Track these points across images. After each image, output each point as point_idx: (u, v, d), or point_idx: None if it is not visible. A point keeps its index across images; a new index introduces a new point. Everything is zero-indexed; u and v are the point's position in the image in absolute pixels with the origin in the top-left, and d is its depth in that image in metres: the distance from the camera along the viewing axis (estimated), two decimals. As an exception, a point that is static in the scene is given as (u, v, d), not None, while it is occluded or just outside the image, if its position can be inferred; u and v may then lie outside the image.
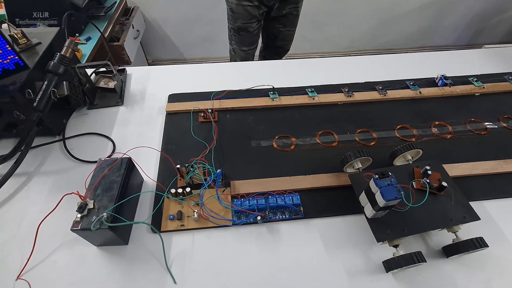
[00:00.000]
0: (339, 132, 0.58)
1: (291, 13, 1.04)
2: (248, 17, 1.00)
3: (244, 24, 1.03)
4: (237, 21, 1.02)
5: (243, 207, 0.46)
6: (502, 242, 0.44)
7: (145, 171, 0.50)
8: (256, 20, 1.02)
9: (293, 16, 1.07)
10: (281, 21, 1.07)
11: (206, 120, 0.59)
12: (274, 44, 1.17)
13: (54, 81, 0.50)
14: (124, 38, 1.32)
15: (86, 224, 0.38)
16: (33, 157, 0.54)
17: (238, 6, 0.98)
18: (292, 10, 1.03)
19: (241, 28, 1.04)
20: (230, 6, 1.00)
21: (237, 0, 0.97)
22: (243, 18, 1.01)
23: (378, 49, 1.96)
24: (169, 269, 0.41)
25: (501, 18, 1.86)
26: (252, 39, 1.10)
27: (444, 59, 0.77)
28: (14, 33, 0.53)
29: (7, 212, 0.47)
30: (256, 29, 1.06)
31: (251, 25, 1.03)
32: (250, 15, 1.00)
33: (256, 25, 1.04)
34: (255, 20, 1.02)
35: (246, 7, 0.97)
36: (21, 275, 0.40)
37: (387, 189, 0.35)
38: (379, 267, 0.41)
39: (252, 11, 0.98)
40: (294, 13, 1.05)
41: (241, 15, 1.00)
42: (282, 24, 1.09)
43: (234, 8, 0.99)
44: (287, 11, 1.02)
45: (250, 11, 0.98)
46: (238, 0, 0.96)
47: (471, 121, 0.61)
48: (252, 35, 1.08)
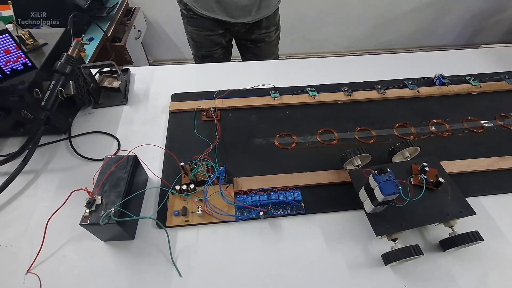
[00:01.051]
0: (339, 130, 0.60)
1: (262, 40, 0.93)
2: (212, 45, 0.92)
3: (208, 52, 0.94)
4: (201, 50, 0.94)
5: (246, 203, 0.47)
6: (498, 236, 0.45)
7: (150, 168, 0.52)
8: (220, 47, 0.94)
9: (267, 44, 0.95)
10: (252, 50, 0.97)
11: (209, 119, 0.61)
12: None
13: (61, 80, 0.51)
14: (126, 39, 1.33)
15: (94, 219, 0.39)
16: (40, 155, 0.55)
17: (199, 36, 0.90)
18: (263, 36, 0.92)
19: (205, 56, 0.96)
20: (190, 35, 0.92)
21: (198, 31, 0.88)
22: (206, 47, 0.93)
23: (377, 48, 1.97)
24: (175, 263, 0.42)
25: (499, 18, 1.87)
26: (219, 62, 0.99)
27: (442, 58, 0.78)
28: (22, 34, 0.54)
29: (16, 208, 0.48)
30: (222, 54, 0.98)
31: (216, 51, 0.95)
32: (214, 43, 0.92)
33: (221, 51, 0.96)
34: (219, 47, 0.94)
35: (209, 37, 0.89)
36: (31, 269, 0.42)
37: (386, 184, 0.37)
38: (378, 260, 0.42)
39: (216, 40, 0.91)
40: (266, 39, 0.93)
41: (203, 44, 0.92)
42: (253, 53, 0.98)
43: (195, 37, 0.91)
44: (256, 36, 0.91)
45: (214, 40, 0.90)
46: (199, 30, 0.88)
47: (468, 119, 0.62)
48: (218, 60, 0.99)
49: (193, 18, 0.86)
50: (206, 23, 0.86)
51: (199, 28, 0.88)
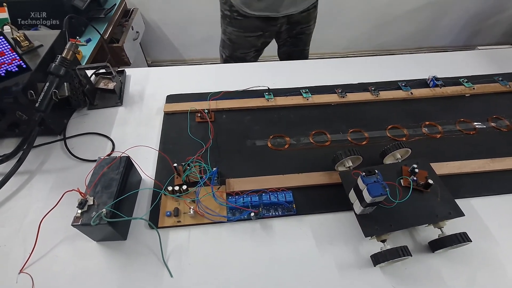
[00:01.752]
0: (332, 132, 0.60)
1: (302, 33, 0.99)
2: (248, 46, 0.96)
3: (242, 54, 0.98)
4: (236, 51, 0.97)
5: (237, 204, 0.47)
6: (487, 237, 0.45)
7: (143, 170, 0.52)
8: (254, 50, 0.98)
9: (306, 36, 1.01)
10: (293, 42, 1.02)
11: (203, 120, 0.61)
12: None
13: (55, 82, 0.52)
14: (123, 40, 1.33)
15: (86, 220, 0.39)
16: (35, 156, 0.56)
17: (238, 38, 0.92)
18: (304, 29, 0.98)
19: (239, 58, 0.99)
20: (229, 36, 0.94)
21: (238, 32, 0.91)
22: (243, 48, 0.96)
23: (375, 49, 1.98)
24: (166, 263, 0.43)
25: (497, 19, 1.87)
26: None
27: (436, 60, 0.79)
28: (17, 36, 0.54)
29: (10, 208, 0.49)
30: (253, 57, 1.01)
31: (249, 54, 0.98)
32: (251, 45, 0.95)
33: (254, 53, 0.99)
34: (253, 49, 0.97)
35: (248, 38, 0.92)
36: (24, 268, 0.42)
37: (373, 186, 0.37)
38: (367, 261, 0.43)
39: (254, 42, 0.94)
40: (306, 32, 0.99)
41: (242, 46, 0.95)
42: (294, 44, 1.03)
43: (234, 39, 0.93)
44: (298, 31, 0.97)
45: (252, 42, 0.94)
46: (240, 32, 0.90)
47: (461, 121, 0.62)
48: (248, 61, 0.99)
49: (237, 19, 0.88)
50: (250, 24, 0.88)
51: (240, 30, 0.90)
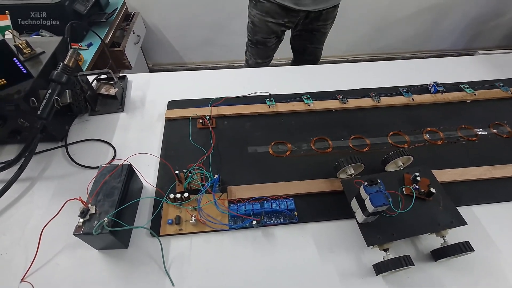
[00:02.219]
0: (333, 138, 0.60)
1: (318, 30, 1.02)
2: (269, 32, 0.99)
3: (263, 39, 1.01)
4: (257, 35, 1.01)
5: (239, 212, 0.47)
6: (490, 246, 0.45)
7: (145, 177, 0.52)
8: (275, 36, 1.01)
9: (320, 34, 1.04)
10: (307, 37, 1.05)
11: (204, 126, 0.61)
12: (302, 58, 1.15)
13: (57, 89, 0.52)
14: (125, 44, 1.34)
15: (88, 229, 0.39)
16: (36, 162, 0.56)
17: (260, 21, 0.96)
18: (319, 27, 1.00)
19: (259, 42, 1.03)
20: (252, 19, 0.99)
21: (261, 15, 0.94)
22: (263, 32, 0.99)
23: (376, 53, 1.98)
24: (168, 272, 0.43)
25: (497, 23, 1.88)
26: (268, 53, 1.09)
27: (437, 66, 0.79)
28: (19, 43, 0.54)
29: (12, 216, 0.49)
30: (274, 44, 1.05)
31: (270, 40, 1.02)
32: (271, 31, 0.98)
33: (275, 40, 1.03)
34: (274, 35, 1.01)
35: (269, 23, 0.95)
36: (25, 277, 0.42)
37: (376, 196, 0.37)
38: (369, 270, 0.42)
39: (274, 28, 0.97)
40: (322, 30, 1.02)
41: (262, 30, 0.98)
42: (309, 40, 1.06)
43: (256, 22, 0.97)
44: (314, 27, 0.99)
45: (272, 27, 0.97)
46: (262, 15, 0.94)
47: (462, 127, 0.62)
48: (269, 49, 1.07)
49: (261, 2, 0.91)
50: (272, 9, 0.91)
51: (263, 13, 0.94)
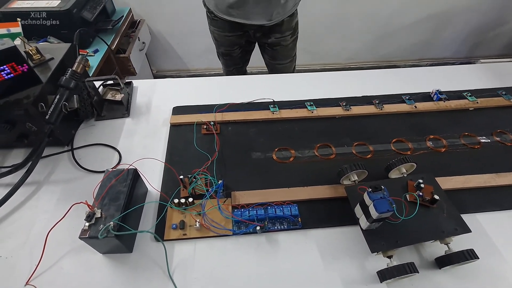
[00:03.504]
0: (336, 144, 0.60)
1: (278, 44, 0.99)
2: (231, 44, 1.02)
3: (227, 51, 1.05)
4: (220, 48, 1.05)
5: (243, 217, 0.47)
6: (494, 254, 0.45)
7: (150, 182, 0.53)
8: (238, 47, 1.04)
9: (282, 48, 1.01)
10: (270, 53, 1.04)
11: (209, 132, 0.62)
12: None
13: (65, 95, 0.53)
14: (130, 50, 1.36)
15: (93, 233, 0.40)
16: (43, 166, 0.57)
17: (219, 36, 0.99)
18: (279, 40, 0.98)
19: (224, 54, 1.07)
20: (212, 34, 1.02)
21: (218, 31, 0.98)
22: (225, 46, 1.03)
23: (378, 61, 1.99)
24: (172, 277, 0.43)
25: (498, 32, 1.89)
26: (234, 61, 1.11)
27: (439, 74, 0.79)
28: (29, 50, 0.56)
29: (17, 219, 0.49)
30: (240, 53, 1.07)
31: (234, 51, 1.05)
32: (233, 43, 1.01)
33: (239, 50, 1.05)
34: (237, 46, 1.03)
35: (228, 37, 0.99)
36: (30, 280, 0.42)
37: (380, 202, 0.37)
38: (373, 277, 0.42)
39: (235, 40, 1.00)
40: (282, 43, 0.99)
41: (223, 43, 1.02)
42: (270, 56, 1.06)
43: (217, 37, 1.01)
44: (272, 40, 0.98)
45: (232, 40, 1.00)
46: (219, 31, 0.98)
47: (465, 135, 0.62)
48: (235, 59, 1.09)
49: (215, 20, 0.95)
50: (226, 25, 0.95)
51: (219, 29, 0.97)
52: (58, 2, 1.11)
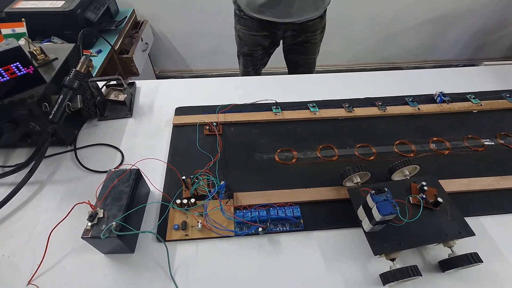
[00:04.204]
0: (339, 146, 0.60)
1: (308, 42, 1.02)
2: (255, 44, 1.02)
3: (249, 51, 1.04)
4: (243, 47, 1.04)
5: (245, 219, 0.47)
6: (499, 257, 0.45)
7: (152, 182, 0.53)
8: (261, 48, 1.03)
9: (311, 45, 1.04)
10: (299, 50, 1.06)
11: (211, 133, 0.62)
12: (296, 71, 1.16)
13: (69, 95, 0.53)
14: (133, 51, 1.36)
15: (96, 233, 0.40)
16: (46, 166, 0.57)
17: (245, 35, 0.99)
18: (309, 38, 1.00)
19: (245, 54, 1.06)
20: (238, 33, 1.02)
21: (245, 30, 0.98)
22: (249, 45, 1.02)
23: (380, 63, 1.99)
24: (173, 278, 0.43)
25: (502, 34, 1.88)
26: (255, 63, 1.11)
27: (442, 76, 0.79)
28: (34, 50, 0.56)
29: (20, 219, 0.49)
30: (261, 55, 1.07)
31: (257, 51, 1.04)
32: (257, 43, 1.01)
33: (261, 51, 1.05)
34: (260, 47, 1.03)
35: (253, 37, 0.98)
36: (32, 280, 0.42)
37: (383, 204, 0.37)
38: (376, 279, 0.42)
39: (260, 40, 1.00)
40: (312, 41, 1.02)
41: (247, 43, 1.02)
42: (301, 52, 1.07)
43: (242, 36, 1.01)
44: (303, 39, 1.00)
45: (257, 40, 1.00)
46: (246, 30, 0.97)
47: (469, 137, 0.62)
48: (256, 59, 1.09)
49: (243, 18, 0.95)
50: (254, 24, 0.95)
51: (246, 28, 0.97)
52: (62, 2, 1.11)
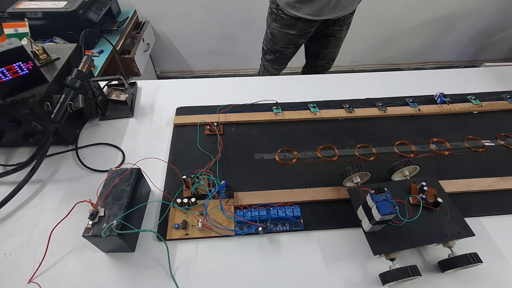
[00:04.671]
0: (339, 146, 0.60)
1: (333, 35, 1.04)
2: (288, 43, 1.03)
3: (281, 48, 1.05)
4: (276, 45, 1.05)
5: (245, 218, 0.47)
6: (498, 258, 0.45)
7: (153, 181, 0.53)
8: (293, 46, 1.05)
9: (336, 39, 1.06)
10: (323, 41, 1.07)
11: (212, 133, 0.62)
12: (314, 62, 1.17)
13: (70, 94, 0.53)
14: (134, 51, 1.37)
15: (97, 231, 0.40)
16: (47, 165, 0.57)
17: (280, 33, 1.00)
18: (335, 32, 1.03)
19: (277, 51, 1.07)
20: (272, 31, 1.02)
21: (281, 28, 0.98)
22: (282, 43, 1.03)
23: (381, 64, 1.99)
24: (173, 277, 0.43)
25: (503, 35, 1.88)
26: (284, 60, 1.12)
27: (443, 77, 0.79)
28: (36, 50, 0.56)
29: (22, 217, 0.49)
30: (291, 53, 1.08)
31: (288, 49, 1.06)
32: (290, 42, 1.02)
33: (292, 49, 1.06)
34: (292, 45, 1.04)
35: (288, 35, 0.99)
36: (33, 278, 0.42)
37: (383, 204, 0.37)
38: (376, 279, 0.42)
39: (294, 39, 1.01)
40: (337, 35, 1.04)
41: (281, 40, 1.02)
42: (323, 45, 1.09)
43: (276, 34, 1.01)
44: (329, 31, 1.02)
45: (291, 39, 1.01)
46: (282, 28, 0.98)
47: (469, 138, 0.62)
48: (286, 57, 1.10)
49: (281, 17, 0.96)
50: (292, 22, 0.96)
51: (283, 26, 0.98)
52: (64, 3, 1.12)
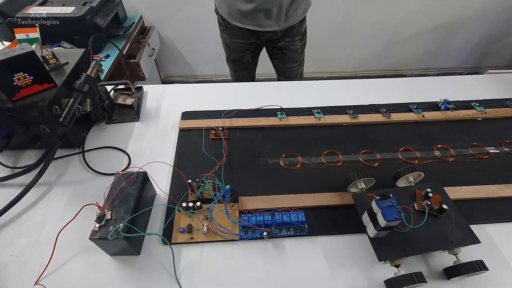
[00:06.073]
0: (343, 152, 0.61)
1: (287, 48, 1.02)
2: (242, 50, 1.04)
3: (238, 56, 1.07)
4: (232, 54, 1.07)
5: (250, 223, 0.48)
6: (504, 265, 0.45)
7: (158, 185, 0.53)
8: (249, 52, 1.06)
9: (291, 52, 1.03)
10: (278, 55, 1.06)
11: (217, 137, 0.63)
12: (280, 79, 1.17)
13: (79, 98, 0.54)
14: (140, 56, 1.39)
15: (103, 234, 0.40)
16: (54, 168, 0.58)
17: (231, 42, 1.02)
18: (288, 44, 1.01)
19: (235, 59, 1.09)
20: (224, 41, 1.05)
21: (230, 38, 1.00)
22: (236, 51, 1.05)
23: (384, 70, 2.00)
24: (178, 280, 0.43)
25: (506, 42, 1.89)
26: (245, 67, 1.13)
27: (447, 83, 0.79)
28: (46, 54, 0.58)
29: (29, 219, 0.50)
30: (250, 59, 1.10)
31: (245, 56, 1.07)
32: (244, 49, 1.04)
33: (250, 55, 1.08)
34: (248, 52, 1.06)
35: (239, 44, 1.01)
36: (40, 280, 0.43)
37: (388, 210, 0.37)
38: (381, 286, 0.42)
39: (246, 47, 1.03)
40: (291, 47, 1.02)
41: (234, 49, 1.04)
42: (280, 59, 1.08)
43: (228, 43, 1.03)
44: (282, 44, 1.01)
45: (243, 47, 1.02)
46: (231, 37, 1.00)
47: (473, 145, 0.62)
48: (246, 64, 1.11)
49: (227, 27, 0.98)
50: (238, 32, 0.97)
51: (231, 36, 1.00)
52: (72, 8, 1.14)
